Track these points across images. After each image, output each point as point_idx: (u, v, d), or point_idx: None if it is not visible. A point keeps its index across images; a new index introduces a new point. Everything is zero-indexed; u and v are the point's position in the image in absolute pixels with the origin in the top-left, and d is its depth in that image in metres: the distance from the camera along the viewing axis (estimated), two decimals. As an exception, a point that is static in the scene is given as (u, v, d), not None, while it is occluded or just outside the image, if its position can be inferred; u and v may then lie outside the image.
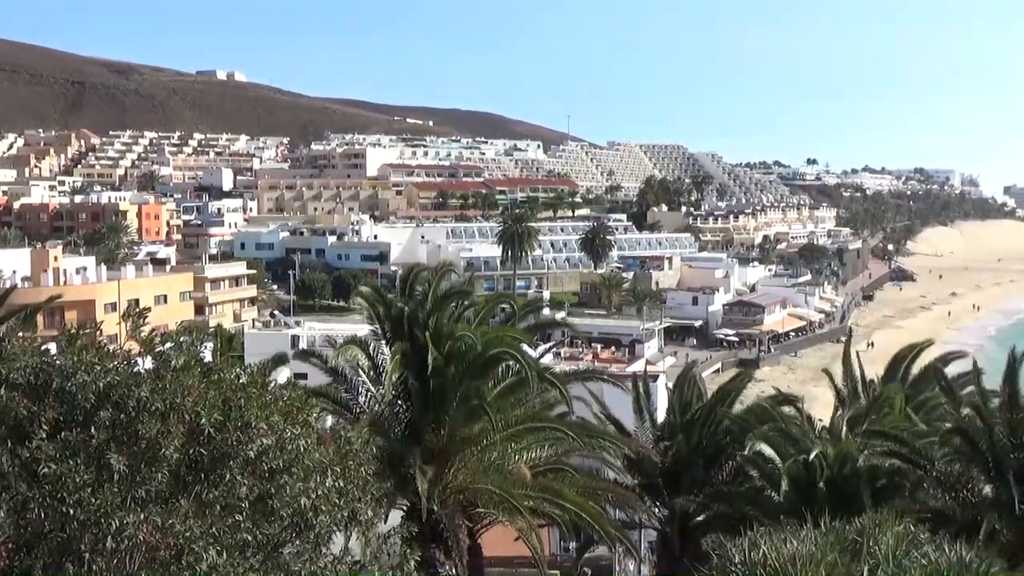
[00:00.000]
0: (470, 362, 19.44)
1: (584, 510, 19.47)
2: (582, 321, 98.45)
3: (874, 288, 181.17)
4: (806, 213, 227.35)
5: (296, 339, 57.49)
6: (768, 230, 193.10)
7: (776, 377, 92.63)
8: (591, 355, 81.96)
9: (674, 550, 24.82)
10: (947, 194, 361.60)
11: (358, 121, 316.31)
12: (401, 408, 20.30)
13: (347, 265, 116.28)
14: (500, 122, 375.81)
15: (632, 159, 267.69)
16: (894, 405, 25.03)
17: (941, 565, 9.73)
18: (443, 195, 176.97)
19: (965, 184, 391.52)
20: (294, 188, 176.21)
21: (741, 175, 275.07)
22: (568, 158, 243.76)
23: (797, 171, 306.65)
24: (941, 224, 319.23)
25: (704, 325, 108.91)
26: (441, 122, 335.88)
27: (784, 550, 9.80)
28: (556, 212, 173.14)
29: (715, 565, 10.81)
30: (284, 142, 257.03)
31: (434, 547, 18.60)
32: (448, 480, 19.33)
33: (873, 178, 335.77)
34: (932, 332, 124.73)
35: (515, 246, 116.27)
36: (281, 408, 10.23)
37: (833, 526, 11.16)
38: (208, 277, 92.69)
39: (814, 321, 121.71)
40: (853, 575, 9.51)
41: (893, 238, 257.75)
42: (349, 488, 10.45)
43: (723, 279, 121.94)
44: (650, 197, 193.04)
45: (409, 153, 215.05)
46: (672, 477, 25.35)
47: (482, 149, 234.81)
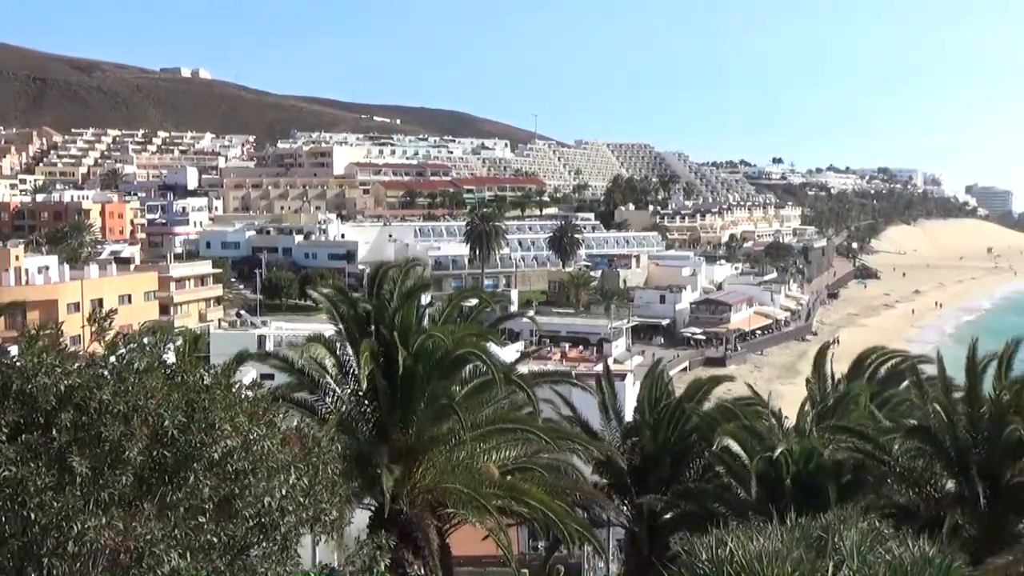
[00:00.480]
0: (438, 361, 19.37)
1: (551, 509, 19.47)
2: (550, 320, 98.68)
3: (839, 286, 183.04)
4: (772, 212, 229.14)
5: (263, 339, 57.12)
6: (734, 229, 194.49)
7: (743, 375, 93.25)
8: (559, 354, 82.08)
9: (642, 548, 24.93)
10: (910, 193, 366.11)
11: (325, 119, 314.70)
12: (368, 407, 20.18)
13: (314, 264, 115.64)
14: (468, 120, 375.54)
15: (599, 158, 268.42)
16: (859, 402, 25.32)
17: (905, 560, 9.82)
18: (411, 194, 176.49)
19: (928, 183, 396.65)
20: (260, 187, 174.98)
21: (708, 174, 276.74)
22: (536, 157, 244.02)
23: (763, 170, 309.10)
24: (904, 223, 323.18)
25: (671, 324, 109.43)
26: (409, 120, 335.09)
27: (750, 547, 9.85)
28: (524, 211, 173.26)
29: (682, 563, 10.85)
30: (250, 140, 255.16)
31: (402, 547, 18.51)
32: (416, 479, 19.26)
33: (838, 177, 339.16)
34: (896, 330, 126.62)
35: (483, 245, 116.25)
36: (246, 409, 10.13)
37: (799, 522, 11.24)
38: (173, 276, 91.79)
39: (780, 319, 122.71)
40: (818, 571, 9.59)
41: (857, 236, 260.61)
42: (315, 488, 10.37)
43: (690, 278, 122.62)
44: (617, 196, 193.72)
45: (376, 152, 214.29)
46: (640, 475, 25.45)
47: (450, 148, 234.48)
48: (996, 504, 19.34)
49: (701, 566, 10.14)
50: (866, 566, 9.68)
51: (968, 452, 19.75)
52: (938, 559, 10.16)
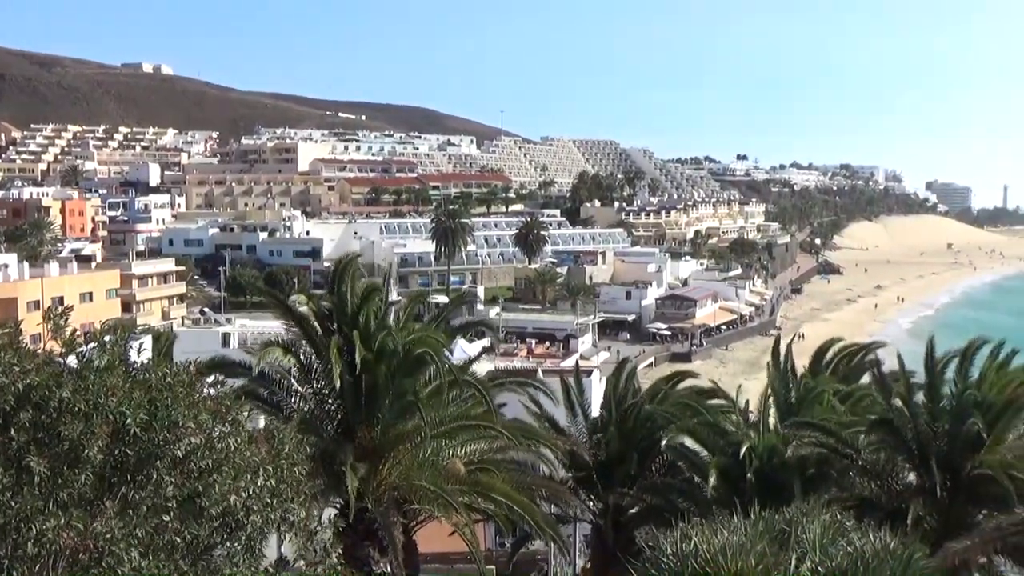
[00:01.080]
0: (401, 359, 19.32)
1: (517, 504, 19.50)
2: (516, 316, 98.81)
3: (802, 281, 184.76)
4: (736, 208, 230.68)
5: (227, 337, 56.63)
6: (699, 225, 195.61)
7: (708, 370, 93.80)
8: (526, 351, 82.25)
9: (608, 543, 25.02)
10: (872, 190, 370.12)
11: (289, 115, 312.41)
12: (333, 406, 20.09)
13: (279, 261, 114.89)
14: (433, 117, 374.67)
15: (565, 154, 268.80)
16: (821, 397, 25.52)
17: (866, 552, 9.94)
18: (376, 190, 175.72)
19: (889, 180, 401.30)
20: (224, 183, 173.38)
21: (673, 171, 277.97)
22: (501, 153, 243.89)
23: (727, 167, 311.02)
24: (866, 219, 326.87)
25: (637, 319, 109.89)
26: (374, 117, 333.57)
27: (715, 541, 9.92)
28: (490, 207, 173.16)
29: (647, 557, 10.91)
30: (213, 136, 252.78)
31: (368, 545, 18.47)
32: (382, 477, 19.19)
33: (801, 174, 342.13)
34: (858, 324, 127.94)
35: (449, 242, 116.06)
36: (210, 407, 10.05)
37: (763, 516, 11.33)
38: (135, 274, 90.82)
39: (744, 314, 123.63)
40: (781, 563, 9.67)
41: (820, 232, 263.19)
42: (282, 488, 10.31)
43: (655, 273, 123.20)
44: (583, 192, 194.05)
45: (341, 148, 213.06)
46: (606, 471, 25.55)
47: (415, 144, 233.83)
48: (956, 496, 19.63)
49: (666, 560, 10.20)
50: (828, 558, 9.78)
51: (929, 445, 20.02)
52: (899, 550, 10.29)
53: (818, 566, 9.73)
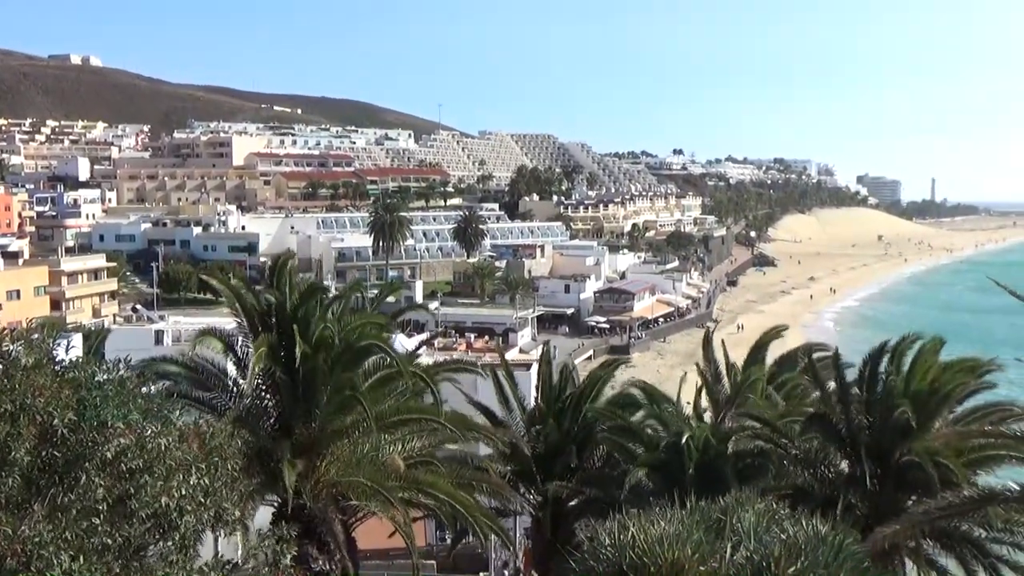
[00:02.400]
0: (340, 353, 19.16)
1: (457, 500, 19.47)
2: (455, 310, 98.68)
3: (738, 274, 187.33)
4: (673, 202, 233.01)
5: (160, 334, 55.64)
6: (637, 218, 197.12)
7: (646, 362, 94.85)
8: (465, 345, 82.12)
9: (547, 535, 25.13)
10: (805, 183, 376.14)
11: (223, 109, 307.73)
12: (270, 402, 19.86)
13: (214, 257, 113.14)
14: (370, 111, 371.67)
15: (503, 148, 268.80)
16: (757, 387, 25.92)
17: (799, 539, 10.13)
18: (313, 185, 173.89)
19: (821, 173, 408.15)
20: (156, 178, 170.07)
21: (610, 165, 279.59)
22: (439, 147, 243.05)
23: (664, 161, 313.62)
24: (800, 212, 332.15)
25: (576, 312, 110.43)
26: (310, 110, 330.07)
27: (652, 531, 10.03)
28: (428, 202, 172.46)
29: (586, 548, 10.99)
30: (145, 130, 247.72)
31: (307, 543, 18.28)
32: (320, 474, 19.01)
33: (736, 168, 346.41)
34: (793, 315, 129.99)
35: (387, 236, 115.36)
36: (140, 406, 9.86)
37: (699, 505, 11.48)
38: (64, 271, 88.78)
39: (682, 307, 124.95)
40: (717, 552, 9.82)
41: (755, 225, 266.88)
42: (215, 486, 10.16)
43: (594, 267, 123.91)
44: (521, 186, 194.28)
45: (277, 142, 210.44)
46: (545, 463, 25.66)
47: (352, 138, 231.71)
48: (886, 483, 20.11)
49: (604, 551, 10.29)
50: (762, 546, 9.95)
51: (860, 434, 20.46)
52: (831, 537, 10.51)
53: (752, 554, 9.90)
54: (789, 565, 9.59)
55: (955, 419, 21.36)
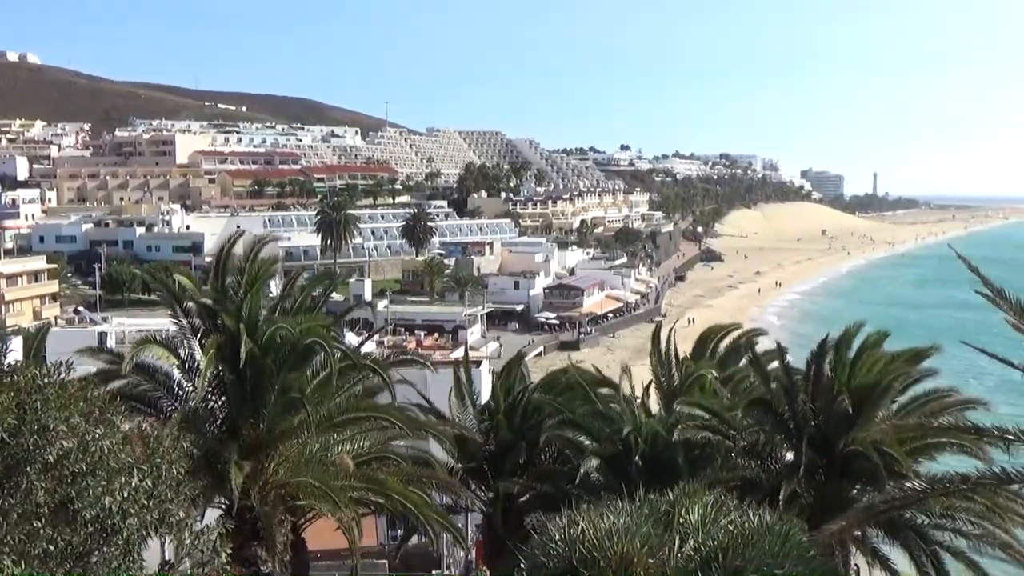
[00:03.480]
0: (287, 352, 18.99)
1: (408, 498, 19.41)
2: (405, 308, 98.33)
3: (686, 269, 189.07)
4: (621, 198, 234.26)
5: (103, 336, 54.69)
6: (585, 215, 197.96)
7: (596, 358, 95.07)
8: (415, 342, 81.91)
9: (498, 531, 25.15)
10: (750, 178, 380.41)
11: (165, 106, 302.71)
12: (216, 403, 19.61)
13: (158, 257, 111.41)
14: (316, 108, 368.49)
15: (451, 145, 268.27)
16: (704, 380, 26.19)
17: (746, 529, 10.29)
18: (259, 183, 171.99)
19: (766, 168, 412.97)
20: (97, 177, 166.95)
21: (558, 161, 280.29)
22: (387, 144, 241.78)
23: (612, 157, 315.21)
24: (745, 207, 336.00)
25: (526, 309, 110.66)
26: (255, 108, 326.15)
27: (601, 525, 10.12)
28: (376, 199, 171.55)
29: (536, 543, 11.04)
30: (85, 128, 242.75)
31: (255, 545, 18.12)
32: (268, 475, 18.83)
33: (682, 163, 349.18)
34: (739, 309, 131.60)
35: (335, 235, 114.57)
36: (82, 409, 9.69)
37: (648, 499, 11.60)
38: (3, 273, 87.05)
39: (631, 302, 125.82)
40: (665, 544, 9.93)
41: (702, 221, 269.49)
42: (159, 489, 10.02)
43: (543, 263, 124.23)
44: (470, 183, 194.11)
45: (222, 140, 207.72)
46: (496, 460, 25.68)
47: (298, 135, 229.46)
48: (831, 472, 20.43)
49: (554, 546, 10.35)
50: (710, 537, 10.09)
51: (805, 425, 20.75)
52: (777, 526, 10.68)
53: (700, 545, 10.03)
54: (736, 556, 9.73)
55: (899, 408, 21.75)
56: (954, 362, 60.80)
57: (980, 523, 19.21)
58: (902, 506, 16.31)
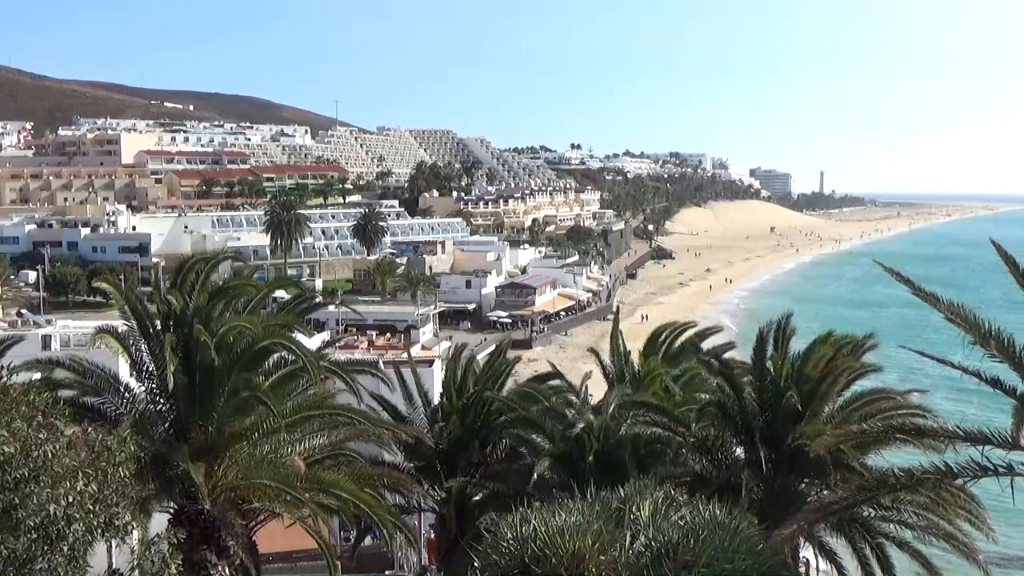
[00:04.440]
0: (239, 353, 18.80)
1: (360, 499, 19.31)
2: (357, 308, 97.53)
3: (637, 267, 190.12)
4: (572, 196, 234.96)
5: (47, 339, 53.59)
6: (537, 213, 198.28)
7: (548, 356, 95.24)
8: (366, 343, 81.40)
9: (451, 531, 25.14)
10: (700, 176, 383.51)
11: (110, 105, 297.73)
12: (165, 405, 19.34)
13: (103, 258, 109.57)
14: (266, 107, 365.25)
15: (402, 144, 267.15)
16: (656, 378, 26.41)
17: (696, 525, 10.39)
18: (207, 183, 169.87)
19: (716, 167, 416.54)
20: (40, 177, 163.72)
21: (510, 160, 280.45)
22: (337, 144, 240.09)
23: (563, 156, 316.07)
24: (696, 205, 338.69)
25: (478, 308, 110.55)
26: (202, 107, 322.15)
27: (553, 523, 10.15)
28: (326, 199, 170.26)
29: (489, 543, 11.05)
30: (27, 127, 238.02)
31: (205, 548, 17.92)
32: (218, 477, 18.60)
33: (633, 162, 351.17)
34: (690, 306, 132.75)
35: (284, 234, 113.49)
36: (24, 413, 9.50)
37: (600, 496, 11.66)
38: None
39: (582, 300, 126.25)
40: (617, 541, 9.99)
41: (653, 219, 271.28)
42: (105, 493, 9.85)
43: (495, 262, 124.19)
44: (421, 182, 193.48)
45: (168, 139, 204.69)
46: (448, 459, 25.65)
47: (247, 135, 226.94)
48: (779, 467, 20.71)
49: (506, 544, 10.37)
50: (661, 533, 10.17)
51: (754, 421, 21.01)
52: (727, 522, 10.79)
53: (651, 541, 10.11)
54: (686, 551, 9.82)
55: (846, 401, 22.10)
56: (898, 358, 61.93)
57: (925, 515, 19.61)
58: (853, 504, 16.55)
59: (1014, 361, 13.26)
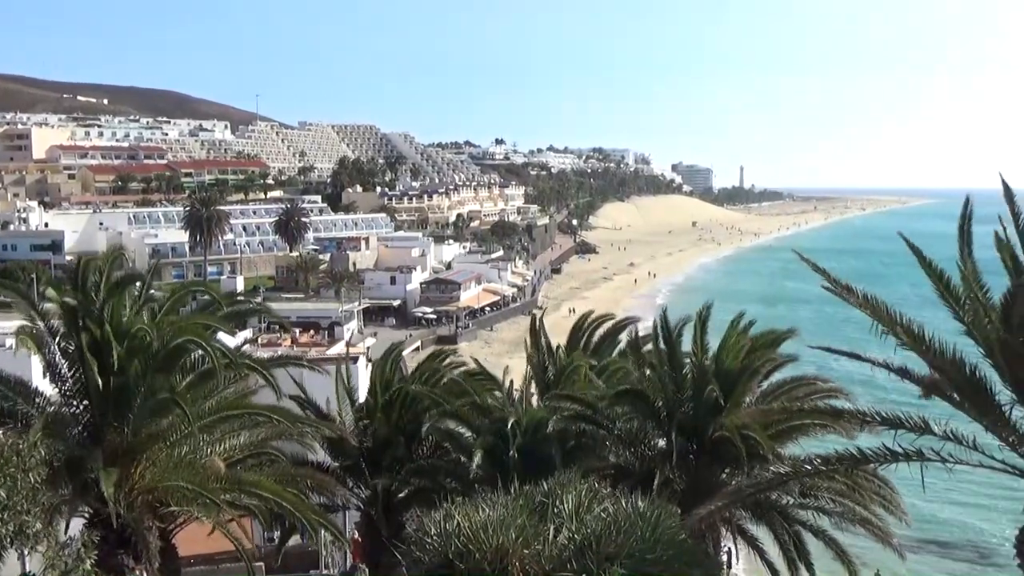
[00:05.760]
0: (155, 353, 18.37)
1: (283, 498, 19.04)
2: (279, 306, 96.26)
3: (561, 261, 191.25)
4: (496, 191, 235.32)
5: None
6: (461, 208, 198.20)
7: (474, 351, 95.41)
8: (290, 340, 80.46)
9: (377, 529, 24.97)
10: (623, 171, 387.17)
11: (20, 99, 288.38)
12: (79, 408, 18.81)
13: (14, 256, 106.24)
14: (183, 101, 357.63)
15: (325, 139, 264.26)
16: (579, 371, 26.58)
17: (619, 516, 10.48)
18: (123, 179, 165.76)
19: (638, 162, 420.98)
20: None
21: (434, 155, 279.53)
22: (258, 139, 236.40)
23: (487, 151, 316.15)
24: (619, 200, 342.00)
25: (403, 304, 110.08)
26: (118, 100, 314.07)
27: (476, 518, 10.15)
28: (247, 195, 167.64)
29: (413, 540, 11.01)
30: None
31: (122, 553, 17.49)
32: (135, 480, 18.16)
33: (557, 157, 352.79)
34: (614, 300, 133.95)
35: (204, 231, 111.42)
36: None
37: (524, 490, 11.70)
38: None
39: (507, 295, 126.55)
40: (540, 534, 10.03)
41: (577, 214, 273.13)
42: (15, 500, 9.54)
43: (419, 258, 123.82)
44: (344, 178, 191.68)
45: (82, 134, 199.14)
46: (374, 457, 25.46)
47: (164, 129, 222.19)
48: (701, 458, 21.03)
49: (430, 541, 10.34)
50: (584, 525, 10.25)
51: (675, 412, 21.29)
52: (648, 513, 10.92)
53: (575, 534, 10.17)
54: (609, 543, 9.90)
55: (763, 393, 22.54)
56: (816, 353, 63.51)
57: (841, 501, 20.13)
58: (768, 488, 16.94)
59: (922, 346, 13.68)
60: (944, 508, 49.44)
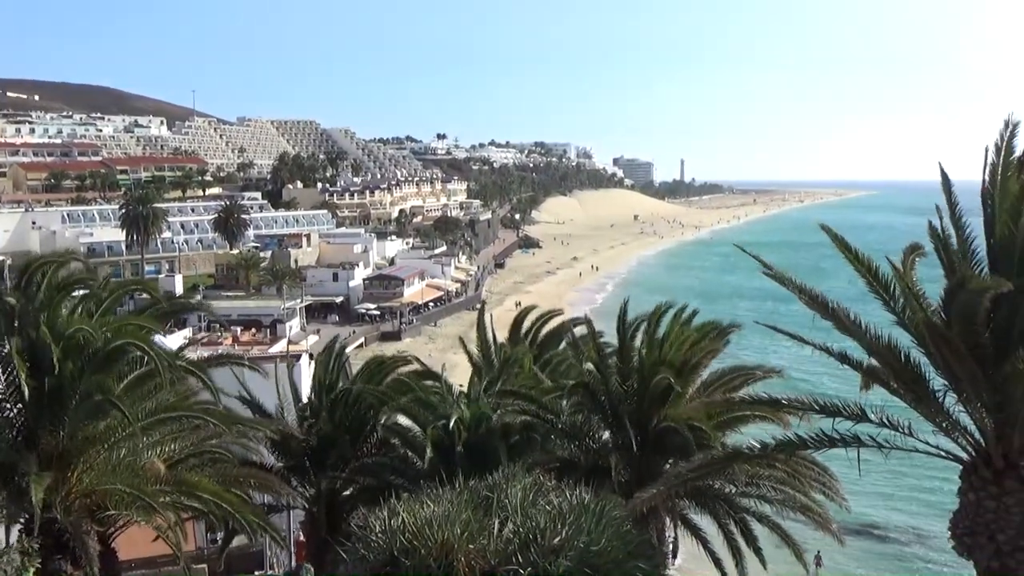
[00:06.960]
0: (91, 355, 17.99)
1: (224, 500, 18.79)
2: (220, 304, 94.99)
3: (505, 256, 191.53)
4: (439, 187, 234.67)
5: None
6: (404, 204, 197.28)
7: (417, 347, 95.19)
8: (231, 339, 79.50)
9: (321, 528, 24.81)
10: (565, 166, 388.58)
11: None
12: (12, 411, 18.36)
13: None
14: (118, 96, 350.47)
15: (264, 135, 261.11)
16: (523, 365, 26.64)
17: (564, 509, 10.53)
18: (56, 176, 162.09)
19: (580, 156, 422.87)
20: None
21: (375, 150, 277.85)
22: (195, 135, 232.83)
23: (428, 146, 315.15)
24: (561, 194, 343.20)
25: (346, 301, 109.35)
26: (49, 96, 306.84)
27: (421, 514, 10.13)
28: (185, 192, 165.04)
29: (358, 538, 10.94)
30: None
31: (59, 558, 17.14)
32: (72, 484, 17.79)
33: (499, 151, 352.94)
34: (558, 294, 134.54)
35: (141, 229, 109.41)
36: None
37: (469, 485, 11.70)
38: None
39: (451, 291, 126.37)
40: (485, 529, 10.03)
41: (520, 208, 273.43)
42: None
43: (362, 254, 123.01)
44: (284, 174, 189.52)
45: (12, 130, 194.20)
46: (318, 455, 25.28)
47: (98, 126, 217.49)
48: (645, 449, 21.20)
49: (375, 538, 10.29)
50: (529, 519, 10.27)
51: (620, 404, 21.44)
52: (593, 505, 10.98)
53: (520, 527, 10.19)
54: (554, 535, 9.93)
55: (705, 383, 22.80)
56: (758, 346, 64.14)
57: (782, 488, 20.43)
58: (708, 473, 17.10)
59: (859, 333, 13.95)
60: (882, 496, 50.61)
